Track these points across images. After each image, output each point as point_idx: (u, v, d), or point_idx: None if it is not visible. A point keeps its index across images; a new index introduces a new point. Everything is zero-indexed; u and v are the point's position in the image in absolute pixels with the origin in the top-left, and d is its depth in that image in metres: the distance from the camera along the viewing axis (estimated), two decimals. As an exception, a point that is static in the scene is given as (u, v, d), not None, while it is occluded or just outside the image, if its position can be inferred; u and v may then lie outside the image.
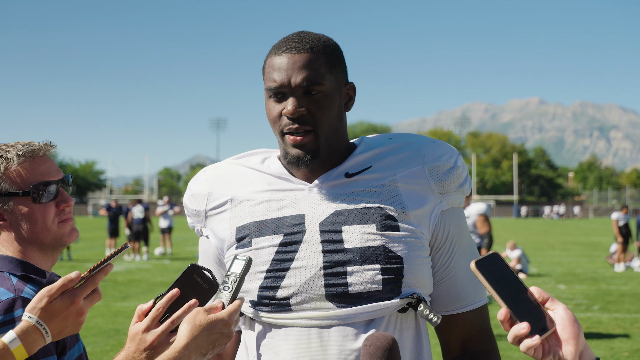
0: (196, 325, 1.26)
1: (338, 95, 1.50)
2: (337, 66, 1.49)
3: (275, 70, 1.46)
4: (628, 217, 15.95)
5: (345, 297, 1.42)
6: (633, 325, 8.43)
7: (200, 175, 1.66)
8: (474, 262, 1.09)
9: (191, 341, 1.25)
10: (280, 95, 1.46)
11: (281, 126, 1.47)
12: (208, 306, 1.32)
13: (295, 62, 1.44)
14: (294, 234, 1.47)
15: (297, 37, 1.48)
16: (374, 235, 1.44)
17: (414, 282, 1.45)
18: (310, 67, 1.44)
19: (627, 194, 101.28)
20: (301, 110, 1.44)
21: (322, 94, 1.45)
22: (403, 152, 1.54)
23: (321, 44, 1.48)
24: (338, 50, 1.52)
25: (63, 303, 1.35)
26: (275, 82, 1.45)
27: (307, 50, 1.45)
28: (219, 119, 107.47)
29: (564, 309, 1.07)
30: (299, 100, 1.44)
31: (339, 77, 1.50)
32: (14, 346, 1.31)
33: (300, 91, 1.44)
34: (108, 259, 1.38)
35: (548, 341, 1.06)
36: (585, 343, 1.06)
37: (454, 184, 1.52)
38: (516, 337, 1.04)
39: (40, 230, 1.61)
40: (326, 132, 1.47)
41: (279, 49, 1.47)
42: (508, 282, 1.09)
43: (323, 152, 1.48)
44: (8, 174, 1.59)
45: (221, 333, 1.28)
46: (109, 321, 8.58)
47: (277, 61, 1.46)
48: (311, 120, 1.45)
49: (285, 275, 1.45)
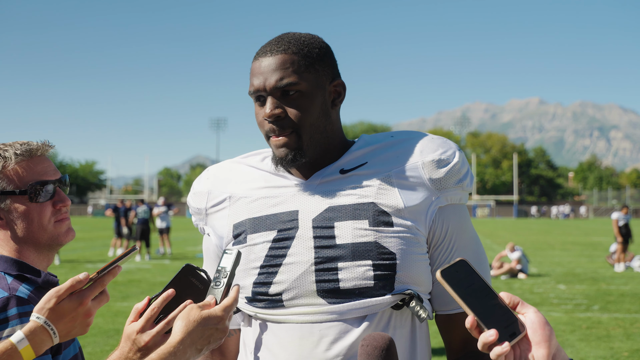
0: (190, 320, 1.27)
1: (320, 93, 1.49)
2: (318, 64, 1.49)
3: (254, 75, 1.48)
4: (628, 217, 15.93)
5: (336, 293, 1.42)
6: (633, 325, 8.42)
7: (203, 175, 1.69)
8: (440, 270, 1.08)
9: (186, 336, 1.26)
10: (261, 98, 1.49)
11: (265, 130, 1.50)
12: (202, 302, 1.32)
13: (269, 64, 1.46)
14: (287, 230, 1.48)
15: (275, 40, 1.50)
16: (366, 231, 1.44)
17: (408, 279, 1.44)
18: (284, 68, 1.45)
19: (627, 194, 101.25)
20: (277, 112, 1.45)
21: (298, 93, 1.46)
22: (400, 148, 1.53)
23: (299, 43, 1.48)
24: (320, 47, 1.51)
25: (71, 304, 1.35)
26: (254, 86, 1.48)
27: (281, 51, 1.46)
28: (219, 119, 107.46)
29: (534, 312, 1.06)
30: (276, 102, 1.46)
31: (319, 75, 1.49)
32: (21, 346, 1.31)
33: (277, 93, 1.45)
34: (116, 261, 1.38)
35: (519, 346, 1.05)
36: (558, 345, 1.05)
37: (451, 179, 1.50)
38: (485, 344, 1.03)
39: (37, 229, 1.61)
40: (309, 131, 1.48)
41: (258, 53, 1.50)
42: (476, 288, 1.08)
43: (308, 151, 1.49)
44: (5, 173, 1.59)
45: (216, 328, 1.28)
46: (109, 321, 8.58)
47: (256, 65, 1.49)
48: (290, 122, 1.46)
49: (277, 271, 1.46)
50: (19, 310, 1.48)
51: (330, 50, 1.54)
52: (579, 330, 8.09)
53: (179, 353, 1.25)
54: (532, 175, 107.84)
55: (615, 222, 15.66)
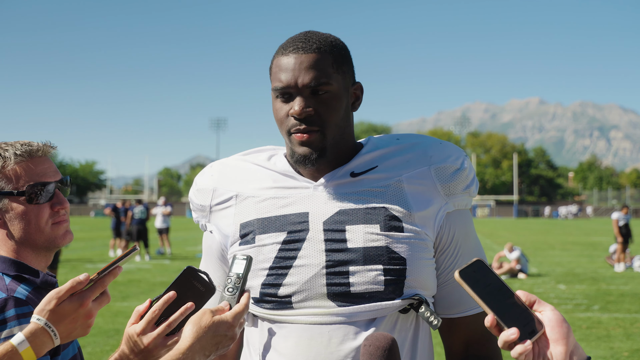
0: (202, 326, 1.26)
1: (345, 95, 1.49)
2: (345, 66, 1.49)
3: (282, 71, 1.45)
4: (628, 217, 15.94)
5: (347, 297, 1.42)
6: (633, 325, 8.42)
7: (207, 170, 1.66)
8: (458, 271, 1.08)
9: (195, 342, 1.25)
10: (287, 95, 1.46)
11: (288, 126, 1.47)
12: (215, 308, 1.31)
13: (302, 62, 1.43)
14: (297, 231, 1.47)
15: (304, 37, 1.48)
16: (377, 236, 1.44)
17: (417, 284, 1.45)
18: (317, 67, 1.43)
19: (627, 194, 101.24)
20: (308, 110, 1.44)
21: (329, 94, 1.45)
22: (409, 153, 1.53)
23: (328, 43, 1.47)
24: (345, 50, 1.51)
25: (72, 305, 1.34)
26: (282, 82, 1.45)
27: (314, 50, 1.44)
28: (219, 119, 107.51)
29: (552, 310, 1.08)
30: (306, 101, 1.44)
31: (346, 77, 1.49)
32: (22, 348, 1.30)
33: (308, 91, 1.44)
34: (117, 262, 1.38)
35: (538, 343, 1.06)
36: (575, 342, 1.06)
37: (460, 185, 1.51)
38: (506, 342, 1.04)
39: (34, 230, 1.60)
40: (333, 132, 1.47)
41: (286, 49, 1.47)
42: (494, 288, 1.09)
43: (329, 151, 1.48)
44: (4, 173, 1.57)
45: (225, 335, 1.28)
46: (109, 321, 8.58)
47: (284, 61, 1.45)
48: (318, 121, 1.45)
49: (287, 273, 1.45)
50: (17, 312, 1.47)
51: (350, 53, 1.54)
52: (579, 330, 8.09)
53: (187, 359, 1.24)
54: (532, 175, 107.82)
55: (615, 222, 15.66)
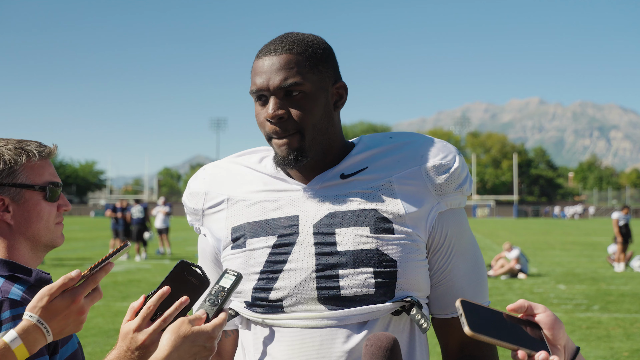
0: (180, 335, 1.26)
1: (323, 94, 1.48)
2: (322, 65, 1.47)
3: (257, 74, 1.46)
4: (629, 217, 15.96)
5: (337, 300, 1.41)
6: (633, 325, 8.42)
7: (200, 174, 1.66)
8: (468, 328, 1.07)
9: (173, 351, 1.25)
10: (263, 98, 1.46)
11: (267, 132, 1.48)
12: (192, 317, 1.30)
13: (273, 64, 1.43)
14: (287, 235, 1.46)
15: (279, 39, 1.48)
16: (367, 238, 1.43)
17: (408, 286, 1.43)
18: (288, 68, 1.43)
19: (627, 194, 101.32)
20: (280, 112, 1.43)
21: (302, 94, 1.44)
22: (400, 153, 1.52)
23: (303, 44, 1.46)
24: (324, 49, 1.49)
25: (64, 302, 1.34)
26: (256, 84, 1.45)
27: (285, 51, 1.44)
28: (219, 119, 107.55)
29: (544, 310, 1.15)
30: (280, 103, 1.44)
31: (323, 77, 1.48)
32: (15, 345, 1.30)
33: (281, 93, 1.43)
34: (108, 257, 1.37)
35: None
36: (567, 336, 1.14)
37: (452, 184, 1.49)
38: None
39: (43, 227, 1.63)
40: (312, 133, 1.46)
41: (261, 52, 1.48)
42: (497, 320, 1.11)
43: (310, 152, 1.47)
44: (30, 166, 1.61)
45: (203, 346, 1.28)
46: (109, 321, 8.58)
47: (259, 64, 1.46)
48: (293, 124, 1.44)
49: (278, 277, 1.44)
50: (12, 313, 1.47)
51: (333, 52, 1.53)
52: (579, 330, 8.09)
53: None
54: (532, 175, 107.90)
55: (615, 222, 15.68)
